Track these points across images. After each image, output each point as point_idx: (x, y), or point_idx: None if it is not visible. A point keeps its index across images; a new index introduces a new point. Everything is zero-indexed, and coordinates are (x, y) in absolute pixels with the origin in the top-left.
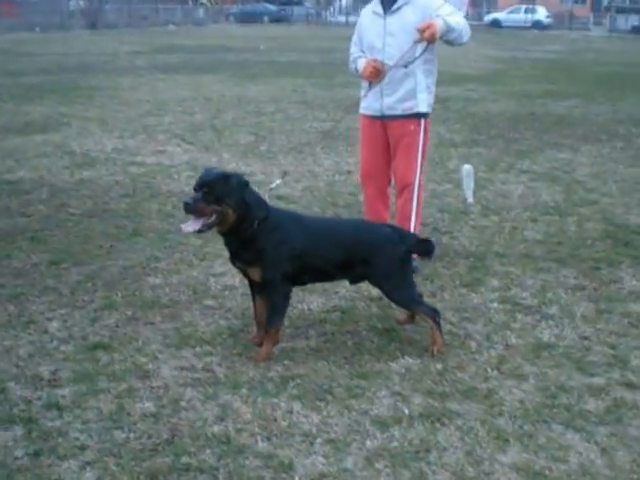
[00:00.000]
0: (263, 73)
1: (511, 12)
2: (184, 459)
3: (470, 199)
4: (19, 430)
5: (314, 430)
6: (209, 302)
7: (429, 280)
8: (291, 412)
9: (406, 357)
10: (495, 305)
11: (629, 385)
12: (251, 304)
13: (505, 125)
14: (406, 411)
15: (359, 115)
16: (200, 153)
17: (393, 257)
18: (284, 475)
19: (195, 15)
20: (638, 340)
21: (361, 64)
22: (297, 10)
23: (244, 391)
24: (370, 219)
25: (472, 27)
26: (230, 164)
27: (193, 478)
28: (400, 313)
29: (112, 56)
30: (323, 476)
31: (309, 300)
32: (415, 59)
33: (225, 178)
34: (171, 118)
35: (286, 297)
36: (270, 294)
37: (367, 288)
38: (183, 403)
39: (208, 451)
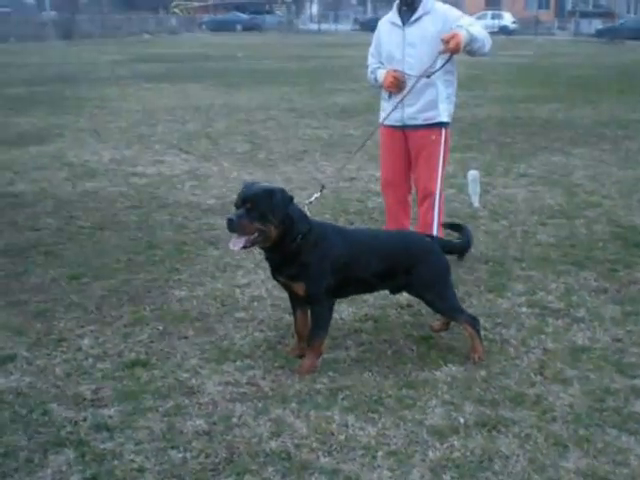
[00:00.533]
0: (246, 81)
1: (478, 18)
2: (247, 477)
3: (477, 204)
4: (71, 453)
5: (373, 442)
6: (240, 314)
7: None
8: (346, 425)
9: (449, 365)
10: (524, 309)
11: None
12: (290, 316)
13: (494, 129)
14: (461, 420)
15: (379, 125)
16: (199, 162)
17: (436, 266)
18: None
19: (168, 24)
20: None
21: (381, 75)
22: (269, 18)
23: (294, 405)
24: (391, 227)
25: None
26: (232, 173)
27: None
28: (433, 320)
29: (93, 66)
30: None
31: (340, 309)
32: (438, 69)
33: (269, 193)
34: (163, 127)
35: (330, 310)
36: (314, 307)
37: (394, 296)
38: (235, 419)
39: (270, 469)
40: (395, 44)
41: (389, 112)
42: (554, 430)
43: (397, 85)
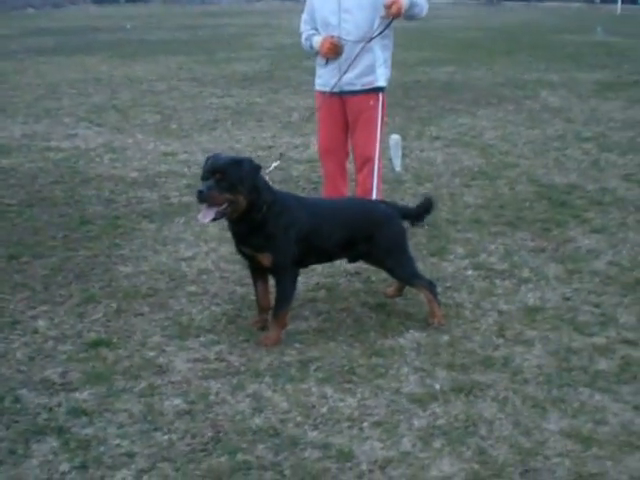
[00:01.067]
0: (140, 52)
1: None
2: (240, 456)
3: (398, 168)
4: (54, 441)
5: (356, 414)
6: (191, 288)
7: None
8: (325, 397)
9: (411, 331)
10: (470, 272)
11: (630, 343)
12: (241, 288)
13: (398, 94)
14: (437, 387)
15: (315, 92)
16: (113, 135)
17: (395, 233)
18: (349, 464)
19: None
20: (616, 297)
21: (317, 41)
22: None
23: (268, 379)
24: (330, 194)
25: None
26: (148, 145)
27: (259, 477)
28: (385, 287)
29: None
30: (388, 461)
31: None
32: (378, 34)
33: (238, 163)
34: (69, 101)
35: (294, 280)
36: (279, 278)
37: (341, 263)
38: (212, 397)
39: (261, 446)
40: (330, 10)
41: (339, 78)
42: (529, 392)
43: (334, 51)
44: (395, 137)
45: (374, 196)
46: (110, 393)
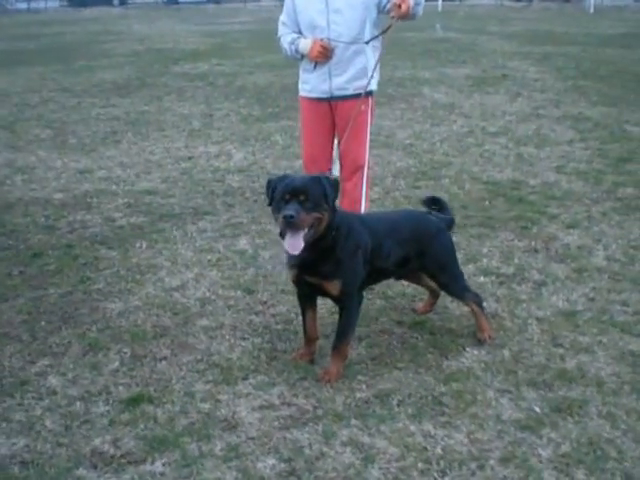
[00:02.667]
0: None
1: None
2: None
3: (336, 172)
4: None
5: (475, 451)
6: (203, 322)
7: None
8: (430, 435)
9: (468, 349)
10: (483, 279)
11: None
12: (258, 316)
13: (285, 96)
14: (537, 409)
15: (300, 98)
16: (12, 153)
17: (447, 246)
18: None
19: None
20: (636, 293)
21: (305, 45)
22: None
23: (355, 421)
24: None
25: (149, 6)
26: (56, 162)
27: None
28: (415, 303)
29: None
30: None
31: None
32: (381, 34)
33: (318, 181)
34: None
35: (359, 307)
36: (346, 305)
37: None
38: (307, 451)
39: None
40: (317, 11)
41: (309, 80)
42: (626, 404)
43: (325, 55)
44: None
45: (363, 205)
46: (188, 461)
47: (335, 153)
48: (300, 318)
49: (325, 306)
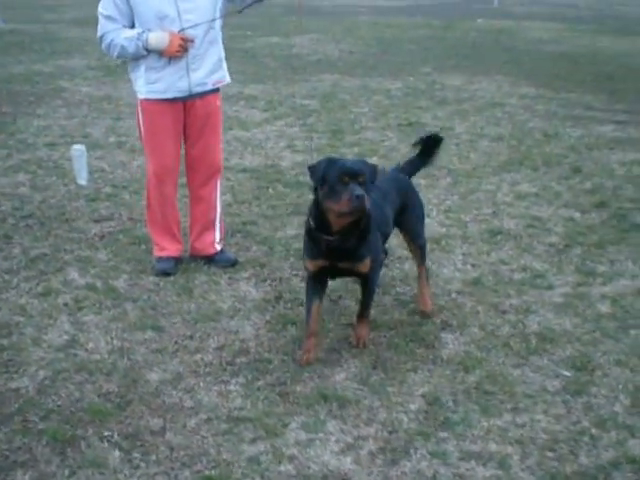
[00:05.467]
0: None
1: None
2: None
3: (83, 181)
4: None
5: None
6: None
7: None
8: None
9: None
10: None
11: None
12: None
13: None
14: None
15: (144, 102)
16: None
17: (420, 200)
18: None
19: None
20: None
21: (159, 40)
22: None
23: None
24: (163, 224)
25: None
26: None
27: None
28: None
29: None
30: None
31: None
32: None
33: (367, 164)
34: None
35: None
36: (370, 279)
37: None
38: None
39: None
40: (165, 0)
41: (162, 79)
42: None
43: (185, 49)
44: (78, 147)
45: (219, 212)
46: None
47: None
48: None
49: None
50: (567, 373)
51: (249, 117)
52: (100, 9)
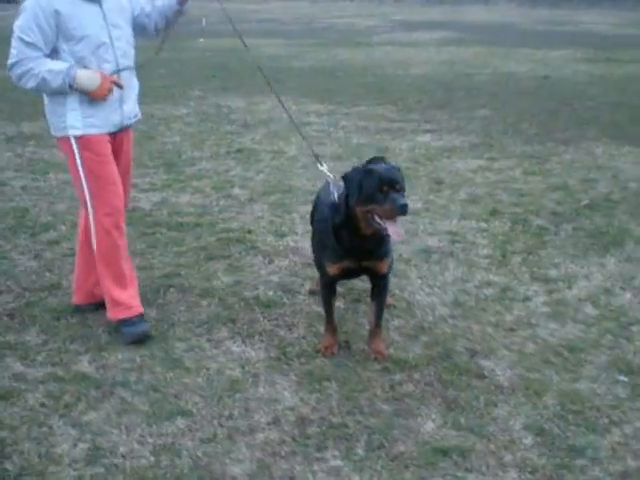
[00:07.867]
0: None
1: None
2: None
3: None
4: None
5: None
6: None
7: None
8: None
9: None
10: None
11: None
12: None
13: None
14: None
15: (81, 140)
16: None
17: None
18: None
19: None
20: None
21: (90, 80)
22: None
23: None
24: (121, 278)
25: None
26: None
27: None
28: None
29: None
30: None
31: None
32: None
33: (400, 171)
34: None
35: None
36: (386, 281)
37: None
38: None
39: None
40: (98, 25)
41: (97, 115)
42: None
43: (112, 91)
44: None
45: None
46: None
47: None
48: None
49: None
50: (624, 378)
51: None
52: (19, 33)
